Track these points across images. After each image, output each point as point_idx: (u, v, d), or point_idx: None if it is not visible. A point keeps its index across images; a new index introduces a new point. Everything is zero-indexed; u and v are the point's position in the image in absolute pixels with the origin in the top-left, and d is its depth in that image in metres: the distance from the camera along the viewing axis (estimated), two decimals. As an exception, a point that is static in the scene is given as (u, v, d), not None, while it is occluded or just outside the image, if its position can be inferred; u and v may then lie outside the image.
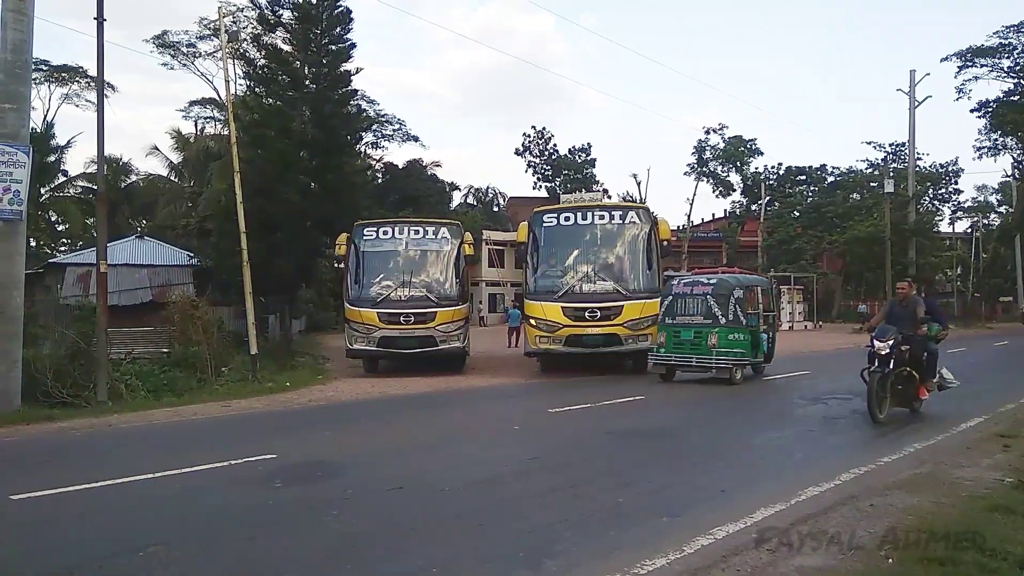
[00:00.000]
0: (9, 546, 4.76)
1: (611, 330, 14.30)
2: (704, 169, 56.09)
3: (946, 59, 40.54)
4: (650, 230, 15.21)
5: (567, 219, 15.57)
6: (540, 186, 61.25)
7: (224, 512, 5.49)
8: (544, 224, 15.57)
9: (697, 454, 7.50)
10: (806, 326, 39.78)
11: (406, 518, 5.21)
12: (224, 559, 4.45)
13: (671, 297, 13.74)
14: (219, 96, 35.75)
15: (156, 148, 39.07)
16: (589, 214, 15.59)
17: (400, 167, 44.57)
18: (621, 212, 15.87)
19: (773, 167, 58.66)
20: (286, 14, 21.97)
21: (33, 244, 35.60)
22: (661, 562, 4.20)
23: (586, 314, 14.35)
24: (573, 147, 63.04)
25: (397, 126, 43.63)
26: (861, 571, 4.01)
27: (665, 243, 15.27)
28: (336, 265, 16.44)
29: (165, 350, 15.12)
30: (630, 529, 4.88)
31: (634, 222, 15.45)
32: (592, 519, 5.08)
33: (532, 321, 14.89)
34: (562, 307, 14.50)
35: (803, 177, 58.19)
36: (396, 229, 16.29)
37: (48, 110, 39.56)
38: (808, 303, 42.42)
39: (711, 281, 13.67)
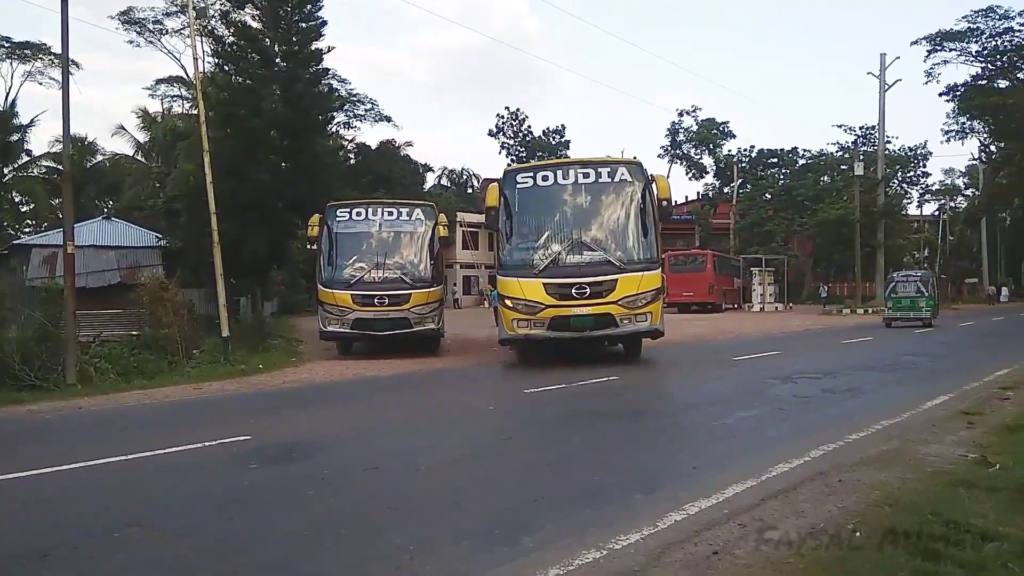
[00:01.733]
0: None
1: (603, 309, 12.05)
2: (678, 151, 56.59)
3: (916, 43, 41.06)
4: (644, 188, 12.70)
5: (545, 178, 13.03)
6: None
7: (200, 493, 5.47)
8: (518, 185, 13.03)
9: (670, 433, 7.60)
10: (777, 307, 40.32)
11: (383, 497, 5.23)
12: (201, 539, 4.44)
13: (894, 283, 25.50)
14: (187, 74, 35.17)
15: (122, 128, 38.31)
16: (571, 171, 13.07)
17: (373, 148, 44.19)
18: (609, 168, 13.08)
19: (745, 150, 59.32)
20: (256, -10, 21.62)
21: (-4, 225, 34.93)
22: (635, 537, 4.27)
23: (572, 291, 12.02)
24: (547, 129, 63.08)
25: (369, 106, 43.19)
26: (828, 544, 4.10)
27: (664, 203, 12.66)
28: (308, 247, 16.16)
29: (135, 332, 14.91)
30: (605, 506, 4.93)
31: (625, 180, 12.87)
32: (568, 497, 5.14)
33: (508, 302, 12.42)
34: (544, 283, 12.18)
35: (775, 160, 58.79)
36: (369, 210, 16.08)
37: (10, 88, 38.67)
38: (779, 285, 42.99)
39: (917, 274, 26.41)
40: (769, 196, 54.00)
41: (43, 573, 3.98)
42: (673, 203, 13.56)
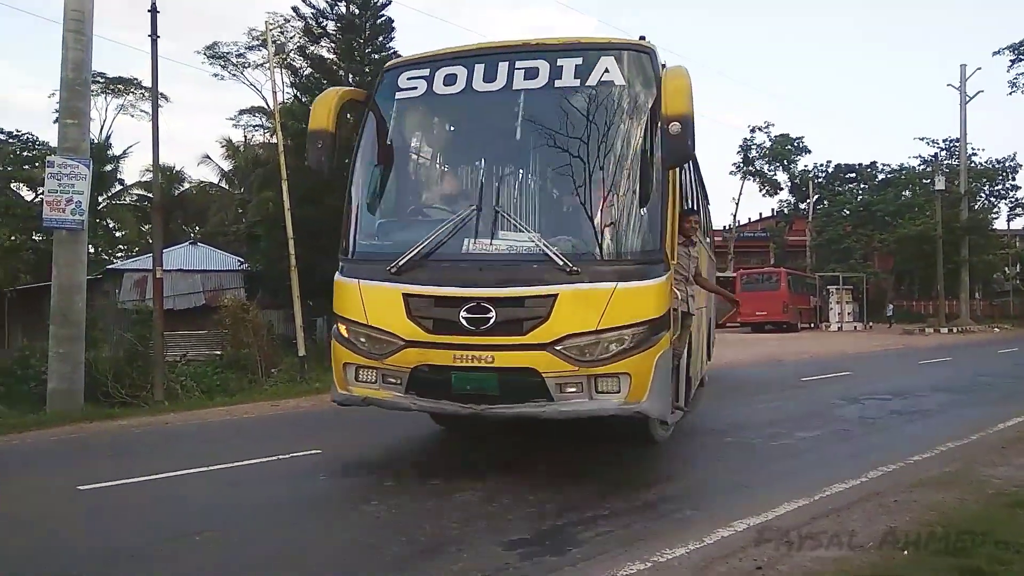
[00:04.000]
0: (78, 531, 5.19)
1: (517, 361, 5.58)
2: (750, 168, 55.48)
3: (998, 52, 39.53)
4: (649, 104, 5.85)
5: (450, 82, 6.31)
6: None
7: (272, 502, 5.85)
8: (399, 96, 6.49)
9: (725, 452, 7.61)
10: (855, 327, 39.11)
11: (445, 507, 5.46)
12: (269, 545, 4.78)
13: None
14: (267, 104, 36.75)
15: (208, 156, 40.29)
16: (504, 67, 6.16)
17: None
18: (582, 58, 6.10)
19: (821, 165, 57.69)
20: (330, 25, 22.54)
21: (92, 251, 36.95)
22: (681, 551, 4.39)
23: (460, 314, 5.64)
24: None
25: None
26: (875, 563, 4.14)
27: (675, 124, 5.27)
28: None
29: (218, 352, 15.73)
30: (654, 521, 5.07)
31: (612, 83, 6.00)
32: (618, 511, 5.29)
33: (342, 328, 6.30)
34: (405, 294, 5.84)
35: (853, 175, 57.09)
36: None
37: (105, 121, 41.06)
38: (858, 303, 41.71)
39: None
40: (847, 212, 52.44)
41: (130, 572, 4.38)
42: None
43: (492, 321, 5.58)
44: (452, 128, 7.13)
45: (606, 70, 6.00)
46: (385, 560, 4.38)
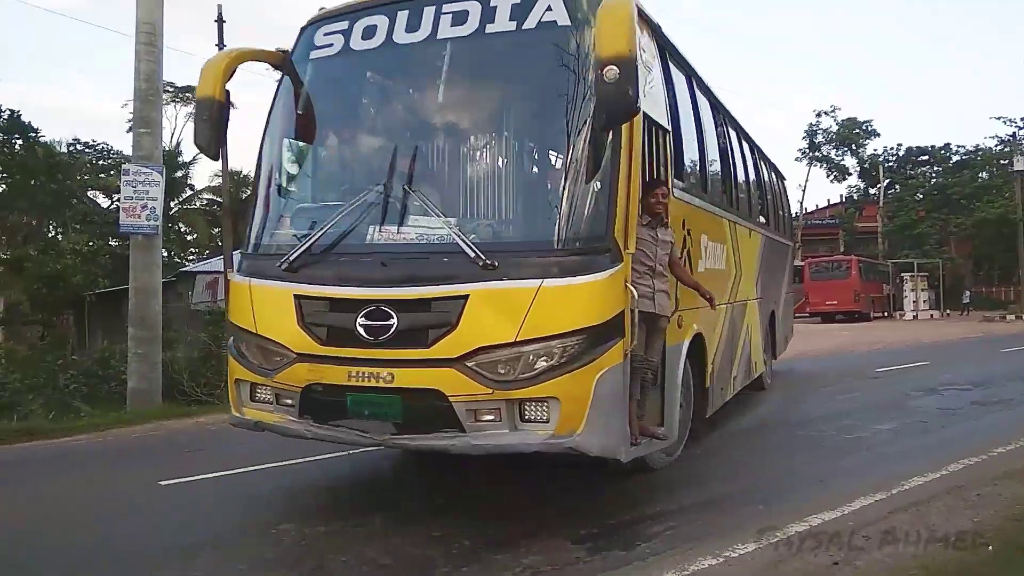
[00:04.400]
0: (161, 524, 5.39)
1: (422, 380, 4.47)
2: (816, 154, 54.03)
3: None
4: (585, 51, 4.52)
5: (369, 34, 5.15)
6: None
7: (341, 495, 6.00)
8: (312, 56, 5.45)
9: (797, 445, 7.44)
10: (932, 315, 37.73)
11: (513, 497, 5.49)
12: (349, 535, 4.84)
13: None
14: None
15: (273, 160, 41.17)
16: (431, 12, 4.95)
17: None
18: None
19: (892, 148, 55.78)
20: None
21: (165, 255, 38.26)
22: (753, 547, 4.30)
23: (357, 320, 4.53)
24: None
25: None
26: (959, 559, 3.99)
27: (612, 70, 3.93)
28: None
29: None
30: (725, 516, 5.00)
31: (552, 23, 4.65)
32: (688, 506, 5.23)
33: (233, 338, 5.47)
34: (297, 295, 4.81)
35: (925, 157, 55.04)
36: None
37: (175, 128, 42.46)
38: (934, 290, 40.23)
39: None
40: (920, 196, 50.61)
41: (211, 560, 4.52)
42: (632, 74, 3.93)
43: (393, 329, 4.44)
44: (367, 92, 5.79)
45: (548, 8, 4.68)
46: (454, 553, 4.42)
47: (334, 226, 4.83)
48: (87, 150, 33.84)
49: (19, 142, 32.20)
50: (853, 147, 54.41)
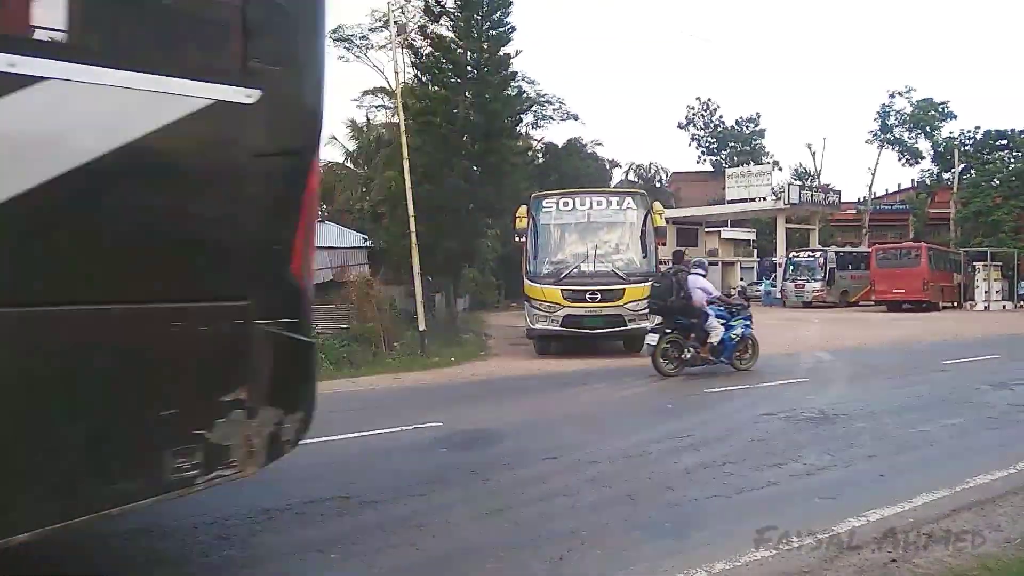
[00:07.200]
0: (237, 491, 5.45)
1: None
2: (888, 136, 52.26)
3: None
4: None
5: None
6: (704, 160, 59.43)
7: (397, 471, 6.08)
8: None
9: (859, 439, 7.20)
10: (1004, 306, 36.26)
11: (559, 485, 5.51)
12: (398, 510, 4.96)
13: None
14: (389, 85, 37.67)
15: (334, 138, 41.71)
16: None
17: (560, 146, 44.88)
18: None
19: (968, 132, 53.50)
20: (449, 2, 22.83)
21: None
22: (809, 540, 4.23)
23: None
24: (740, 118, 60.68)
25: (557, 105, 43.85)
26: (1021, 561, 3.85)
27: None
28: (516, 239, 16.52)
29: (344, 326, 16.40)
30: (782, 509, 4.90)
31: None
32: (743, 497, 5.16)
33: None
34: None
35: (1004, 141, 52.58)
36: (577, 200, 15.96)
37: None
38: (1008, 281, 38.57)
39: None
40: (997, 182, 48.39)
41: (269, 528, 4.65)
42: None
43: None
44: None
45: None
46: (502, 532, 4.45)
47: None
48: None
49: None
50: (927, 129, 52.45)
